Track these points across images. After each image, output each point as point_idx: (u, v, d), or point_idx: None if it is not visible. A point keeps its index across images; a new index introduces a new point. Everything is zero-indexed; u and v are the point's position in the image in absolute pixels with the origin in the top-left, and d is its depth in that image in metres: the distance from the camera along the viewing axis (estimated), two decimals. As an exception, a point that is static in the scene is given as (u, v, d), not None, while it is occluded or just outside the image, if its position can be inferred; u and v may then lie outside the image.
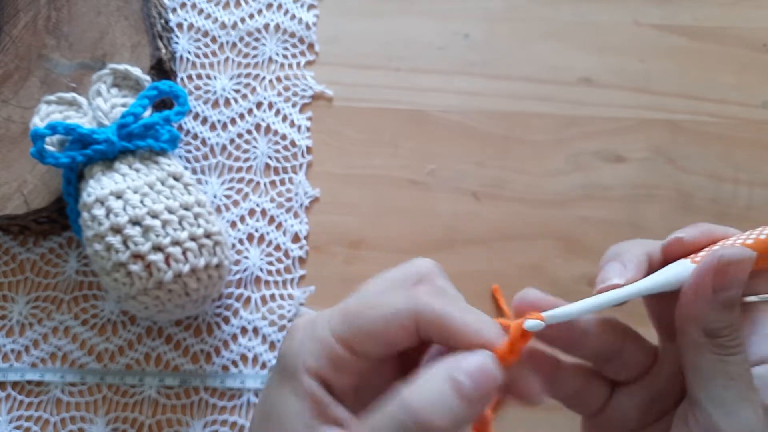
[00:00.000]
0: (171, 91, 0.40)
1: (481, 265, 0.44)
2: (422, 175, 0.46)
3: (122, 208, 0.37)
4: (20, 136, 0.42)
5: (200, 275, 0.37)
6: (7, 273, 0.44)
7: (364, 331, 0.23)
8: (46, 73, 0.43)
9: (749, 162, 0.46)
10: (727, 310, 0.23)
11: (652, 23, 0.49)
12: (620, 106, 0.48)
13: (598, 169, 0.46)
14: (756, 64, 0.48)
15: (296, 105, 0.47)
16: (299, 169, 0.46)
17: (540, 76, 0.48)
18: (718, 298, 0.23)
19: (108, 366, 0.42)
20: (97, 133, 0.38)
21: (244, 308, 0.43)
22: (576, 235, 0.45)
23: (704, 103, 0.48)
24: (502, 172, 0.46)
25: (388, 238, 0.45)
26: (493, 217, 0.45)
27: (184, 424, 0.41)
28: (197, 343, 0.42)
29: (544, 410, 0.41)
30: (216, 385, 0.42)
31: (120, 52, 0.44)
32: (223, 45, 0.49)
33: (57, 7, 0.45)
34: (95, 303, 0.43)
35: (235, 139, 0.47)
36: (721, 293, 0.23)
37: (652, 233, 0.45)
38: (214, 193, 0.45)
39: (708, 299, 0.23)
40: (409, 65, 0.48)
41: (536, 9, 0.50)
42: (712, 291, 0.23)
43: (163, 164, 0.39)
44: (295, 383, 0.23)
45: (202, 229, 0.37)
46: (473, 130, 0.47)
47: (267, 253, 0.44)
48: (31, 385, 0.42)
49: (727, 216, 0.45)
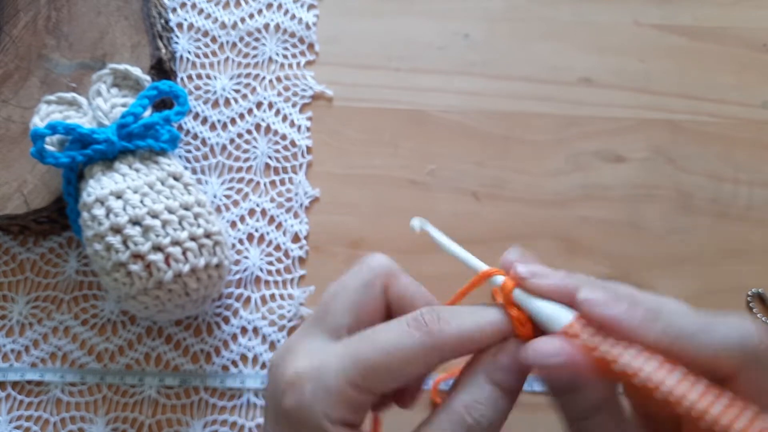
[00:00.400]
0: (171, 91, 0.40)
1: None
2: (422, 175, 0.46)
3: (122, 208, 0.37)
4: (20, 136, 0.42)
5: (200, 275, 0.37)
6: (7, 273, 0.44)
7: (384, 379, 0.24)
8: (46, 73, 0.43)
9: (749, 162, 0.46)
10: (557, 395, 0.24)
11: (652, 23, 0.49)
12: (620, 106, 0.48)
13: (598, 169, 0.46)
14: (756, 64, 0.48)
15: (296, 105, 0.47)
16: (299, 169, 0.46)
17: (540, 76, 0.48)
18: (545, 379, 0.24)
19: (108, 366, 0.42)
20: (97, 133, 0.38)
21: (244, 308, 0.43)
22: (576, 235, 0.45)
23: (704, 103, 0.48)
24: (502, 172, 0.46)
25: (388, 238, 0.45)
26: (493, 217, 0.45)
27: (184, 424, 0.41)
28: (197, 343, 0.42)
29: (545, 410, 0.41)
30: (216, 385, 0.42)
31: (120, 52, 0.44)
32: (223, 45, 0.49)
33: (57, 7, 0.45)
34: (95, 303, 0.43)
35: (235, 139, 0.47)
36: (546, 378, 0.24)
37: (652, 233, 0.45)
38: (214, 193, 0.45)
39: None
40: (409, 65, 0.48)
41: (536, 9, 0.50)
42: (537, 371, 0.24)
43: (163, 164, 0.39)
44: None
45: (202, 229, 0.37)
46: (473, 130, 0.47)
47: (267, 253, 0.44)
48: (31, 385, 0.42)
49: (727, 216, 0.45)
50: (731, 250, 0.44)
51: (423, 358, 0.24)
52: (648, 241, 0.44)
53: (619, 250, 0.44)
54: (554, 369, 0.22)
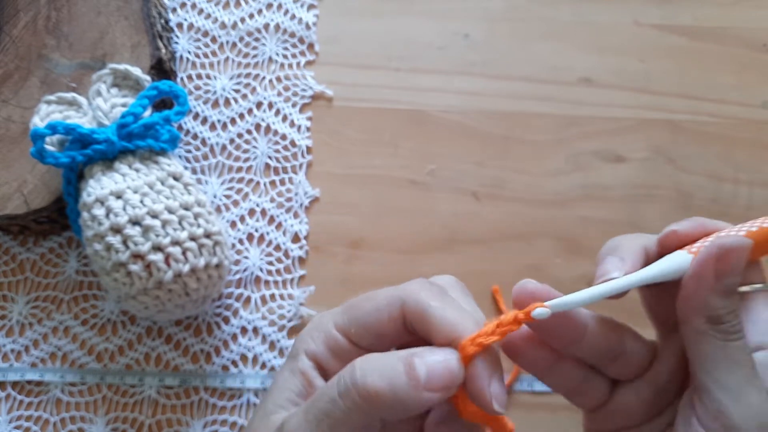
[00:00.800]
0: (171, 91, 0.40)
1: (481, 265, 0.44)
2: (422, 175, 0.46)
3: (122, 207, 0.37)
4: (20, 136, 0.42)
5: (200, 275, 0.37)
6: (7, 273, 0.44)
7: (359, 322, 0.25)
8: (46, 73, 0.43)
9: (749, 162, 0.46)
10: (728, 296, 0.24)
11: (652, 23, 0.49)
12: (620, 106, 0.48)
13: (598, 169, 0.46)
14: (756, 64, 0.48)
15: (296, 105, 0.47)
16: (299, 169, 0.46)
17: (540, 76, 0.48)
18: (720, 284, 0.24)
19: (108, 366, 0.42)
20: (97, 133, 0.38)
21: (244, 308, 0.43)
22: (576, 235, 0.45)
23: (704, 103, 0.48)
24: (502, 172, 0.46)
25: (388, 238, 0.45)
26: (493, 217, 0.45)
27: (184, 424, 0.41)
28: (197, 343, 0.42)
29: (545, 410, 0.41)
30: (216, 385, 0.42)
31: (120, 52, 0.44)
32: (223, 45, 0.49)
33: (57, 7, 0.45)
34: (95, 303, 0.43)
35: (235, 139, 0.47)
36: (722, 280, 0.24)
37: (652, 233, 0.45)
38: (214, 193, 0.45)
39: (710, 286, 0.24)
40: (409, 65, 0.48)
41: (536, 9, 0.50)
42: (714, 278, 0.23)
43: (163, 164, 0.39)
44: (294, 362, 0.25)
45: (202, 229, 0.37)
46: (473, 130, 0.47)
47: (267, 253, 0.44)
48: (31, 385, 0.42)
49: (727, 216, 0.45)
50: (731, 250, 0.44)
51: (394, 309, 0.25)
52: (648, 241, 0.44)
53: (619, 250, 0.44)
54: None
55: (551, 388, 0.27)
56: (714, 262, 0.24)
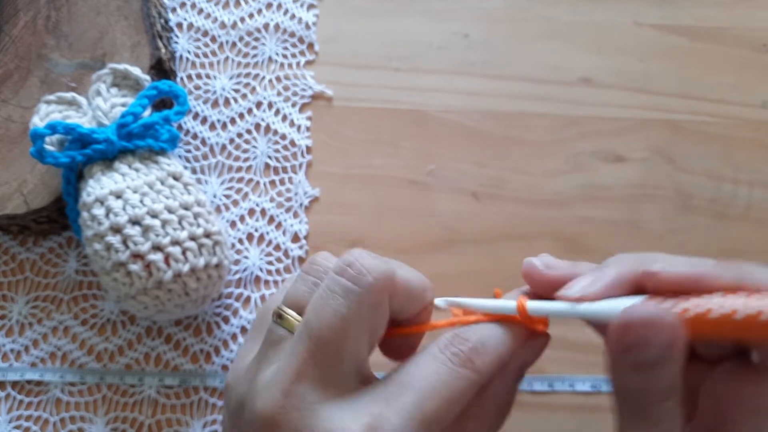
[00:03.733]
0: (171, 91, 0.40)
1: (481, 265, 0.44)
2: (422, 175, 0.46)
3: (122, 207, 0.37)
4: (20, 136, 0.42)
5: (200, 275, 0.37)
6: (6, 273, 0.44)
7: (442, 423, 0.23)
8: (46, 72, 0.43)
9: (749, 162, 0.46)
10: (637, 372, 0.21)
11: (652, 23, 0.49)
12: (620, 106, 0.48)
13: (597, 169, 0.46)
14: (756, 64, 0.48)
15: (296, 105, 0.47)
16: (299, 168, 0.46)
17: (540, 76, 0.48)
18: (625, 357, 0.21)
19: (108, 366, 0.42)
20: (97, 132, 0.38)
21: (244, 308, 0.43)
22: (576, 235, 0.45)
23: (704, 103, 0.48)
24: (502, 172, 0.46)
25: (388, 238, 0.45)
26: (493, 217, 0.45)
27: (184, 424, 0.41)
28: (197, 343, 0.42)
29: (545, 410, 0.41)
30: (216, 385, 0.42)
31: (120, 52, 0.44)
32: (223, 45, 0.49)
33: (57, 6, 0.45)
34: (95, 303, 0.43)
35: (234, 139, 0.47)
36: (628, 352, 0.21)
37: (652, 233, 0.45)
38: (214, 192, 0.45)
39: (612, 354, 0.21)
40: (409, 65, 0.48)
41: (536, 9, 0.50)
42: (617, 347, 0.21)
43: (163, 164, 0.39)
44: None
45: (202, 228, 0.37)
46: (473, 130, 0.47)
47: (267, 253, 0.44)
48: (31, 385, 0.42)
49: (727, 216, 0.45)
50: (731, 250, 0.44)
51: (471, 393, 0.23)
52: (648, 241, 0.44)
53: (619, 250, 0.44)
54: (660, 329, 0.20)
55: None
56: (618, 329, 0.21)
